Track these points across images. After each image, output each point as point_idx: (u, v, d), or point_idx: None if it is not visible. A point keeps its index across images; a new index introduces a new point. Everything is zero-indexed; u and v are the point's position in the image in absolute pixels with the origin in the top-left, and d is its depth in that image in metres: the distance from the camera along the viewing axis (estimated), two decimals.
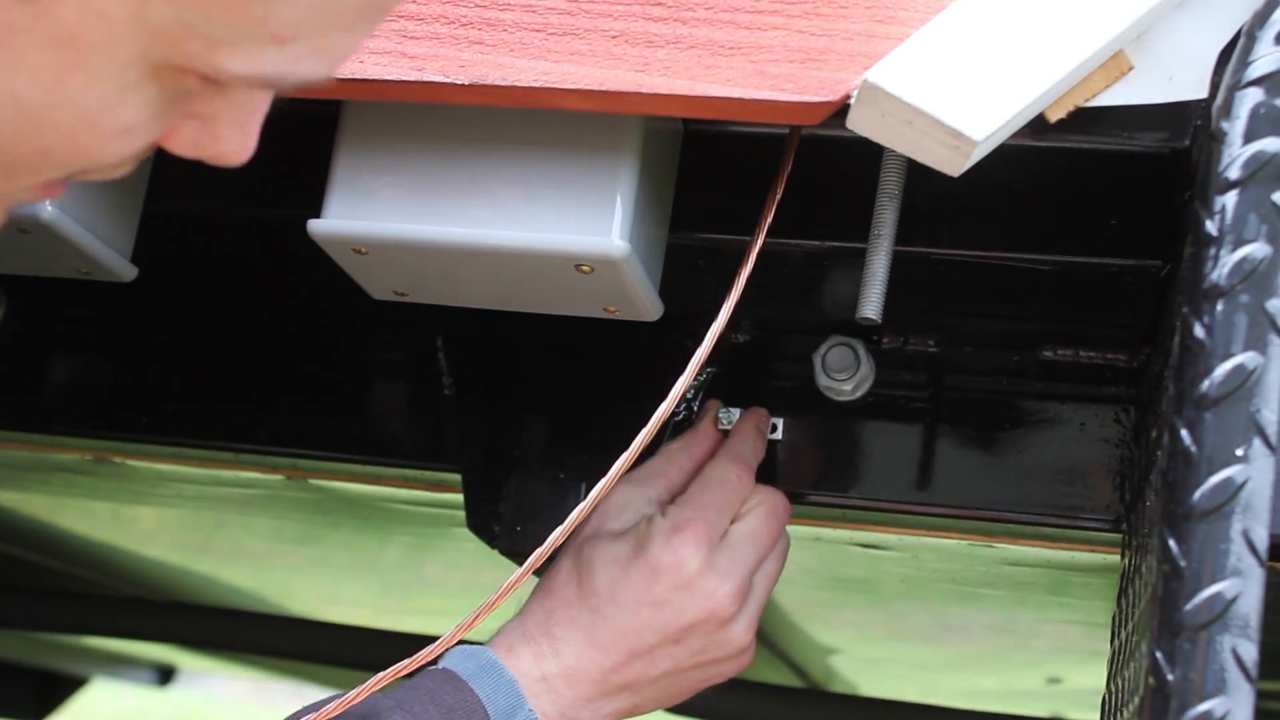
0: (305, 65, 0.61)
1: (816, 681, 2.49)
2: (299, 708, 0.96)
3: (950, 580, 1.54)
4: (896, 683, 2.67)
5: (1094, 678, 0.99)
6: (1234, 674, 0.74)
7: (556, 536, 0.87)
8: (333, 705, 0.91)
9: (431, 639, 0.93)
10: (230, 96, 0.64)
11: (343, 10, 0.60)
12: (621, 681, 1.02)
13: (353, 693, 0.91)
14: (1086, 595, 1.44)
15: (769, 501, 1.07)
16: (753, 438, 1.09)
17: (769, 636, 2.08)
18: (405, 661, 0.89)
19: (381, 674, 0.90)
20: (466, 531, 1.14)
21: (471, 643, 1.00)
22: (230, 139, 0.66)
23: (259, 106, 0.66)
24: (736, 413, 1.11)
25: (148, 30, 0.57)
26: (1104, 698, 0.97)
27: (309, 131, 1.01)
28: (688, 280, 1.04)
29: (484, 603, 0.89)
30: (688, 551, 1.01)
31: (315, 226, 0.98)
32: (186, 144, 0.66)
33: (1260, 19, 0.81)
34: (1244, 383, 0.76)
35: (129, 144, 0.62)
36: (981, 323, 1.10)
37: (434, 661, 0.96)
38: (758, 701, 1.91)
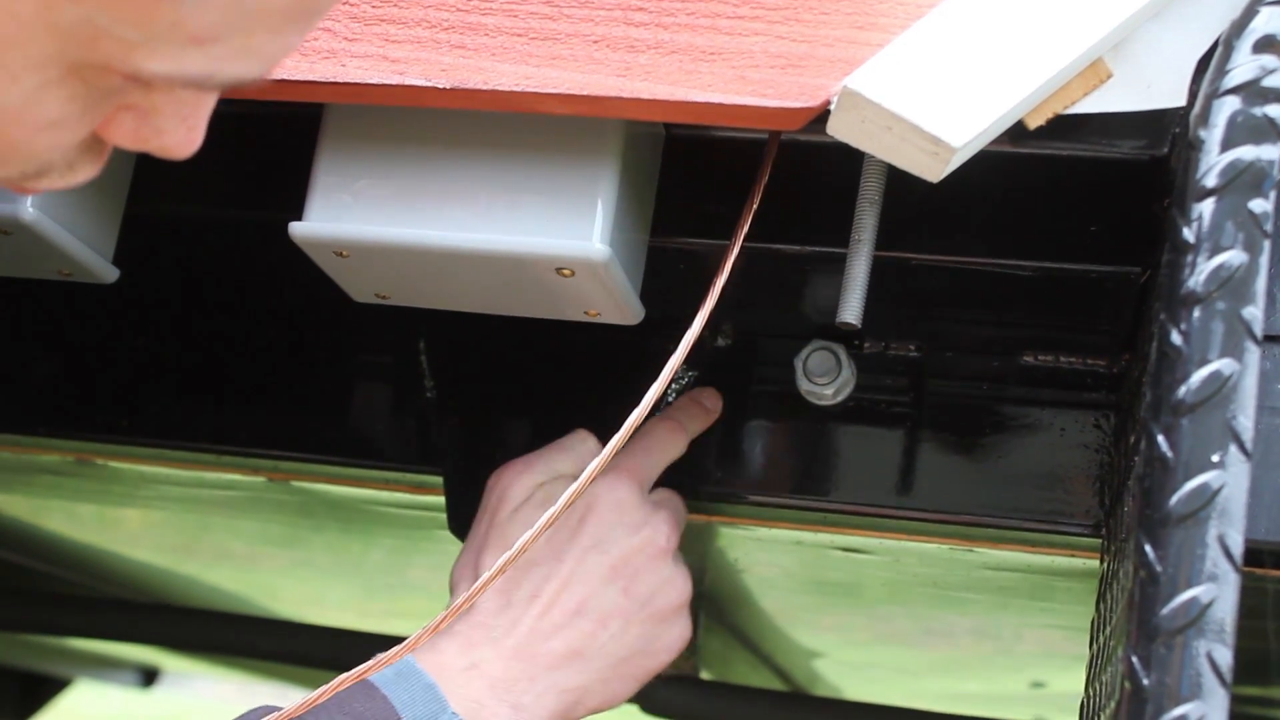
0: (232, 66, 0.59)
1: (800, 685, 2.49)
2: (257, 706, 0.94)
3: (932, 585, 1.54)
4: (881, 686, 2.67)
5: (1078, 682, 0.99)
6: (1209, 679, 0.74)
7: (526, 541, 0.87)
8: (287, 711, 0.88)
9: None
10: (168, 90, 0.62)
11: (266, 13, 0.58)
12: (566, 649, 0.99)
13: (296, 703, 0.88)
14: (1069, 600, 1.44)
15: (675, 500, 1.09)
16: (691, 406, 1.11)
17: (753, 639, 2.08)
18: (345, 675, 0.86)
19: (324, 687, 0.87)
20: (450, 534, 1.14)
21: None
22: (172, 132, 0.63)
23: (204, 100, 0.63)
24: None
25: (58, 30, 0.56)
26: (1082, 702, 0.97)
27: (291, 134, 1.01)
28: (669, 284, 1.04)
29: (448, 609, 0.88)
30: (624, 487, 1.03)
31: (296, 229, 0.98)
32: (126, 136, 0.64)
33: (1238, 28, 0.81)
34: (1220, 389, 0.76)
35: (60, 137, 0.61)
36: (962, 328, 1.11)
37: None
38: (742, 704, 1.91)
